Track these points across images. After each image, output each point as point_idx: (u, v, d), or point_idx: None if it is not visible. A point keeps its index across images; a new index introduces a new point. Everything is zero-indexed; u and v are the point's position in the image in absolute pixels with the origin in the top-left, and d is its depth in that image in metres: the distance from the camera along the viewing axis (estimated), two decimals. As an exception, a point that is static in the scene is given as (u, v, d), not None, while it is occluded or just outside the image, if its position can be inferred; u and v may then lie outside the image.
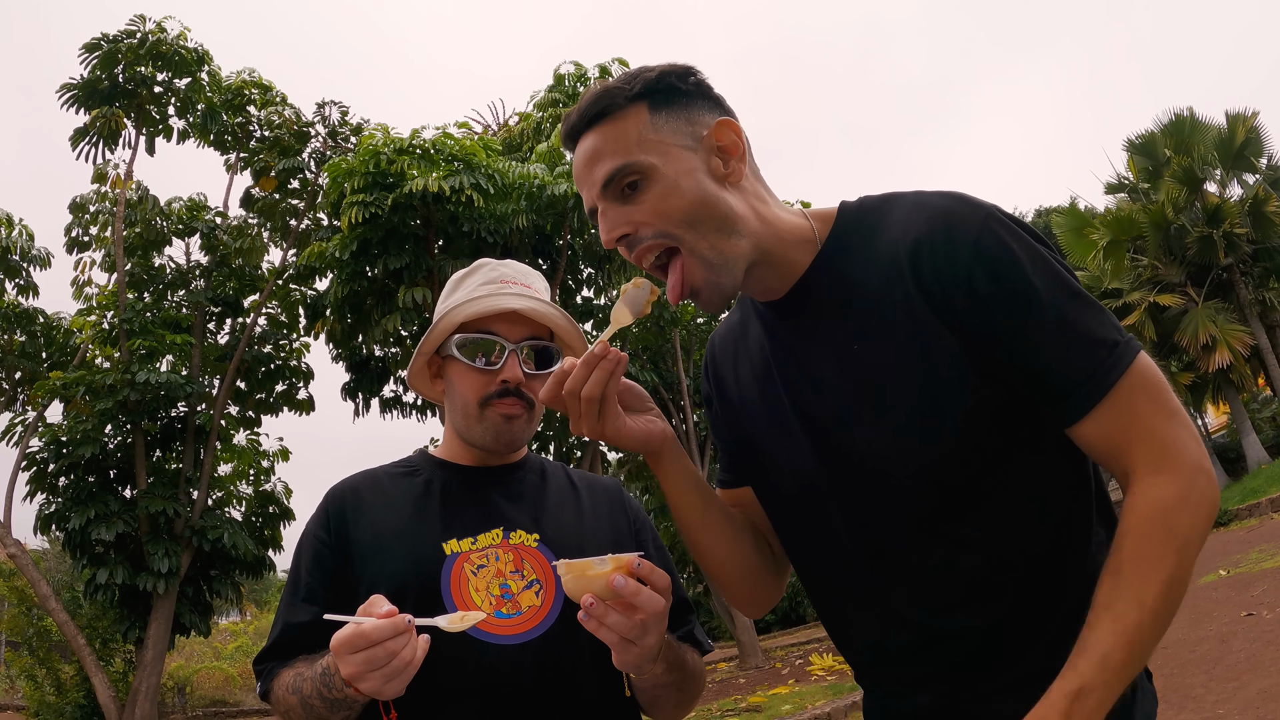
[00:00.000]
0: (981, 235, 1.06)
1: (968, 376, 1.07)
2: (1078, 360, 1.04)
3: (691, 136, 1.15)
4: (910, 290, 1.09)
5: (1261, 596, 8.80)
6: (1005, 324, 1.05)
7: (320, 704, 1.24)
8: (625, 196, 1.14)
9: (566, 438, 16.12)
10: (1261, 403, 29.90)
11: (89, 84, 13.90)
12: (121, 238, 13.99)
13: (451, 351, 1.48)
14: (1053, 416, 1.08)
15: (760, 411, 1.28)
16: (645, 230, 1.13)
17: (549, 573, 1.41)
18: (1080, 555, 1.13)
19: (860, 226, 1.18)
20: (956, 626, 1.14)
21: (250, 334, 14.86)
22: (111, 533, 12.81)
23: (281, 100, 14.96)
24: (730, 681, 13.30)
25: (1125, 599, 0.98)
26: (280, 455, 16.26)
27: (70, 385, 13.08)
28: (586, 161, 1.16)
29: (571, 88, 15.24)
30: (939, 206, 1.11)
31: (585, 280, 14.97)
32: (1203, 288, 22.23)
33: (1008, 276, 1.05)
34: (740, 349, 1.34)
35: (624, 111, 1.14)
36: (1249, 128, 21.97)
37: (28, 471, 13.63)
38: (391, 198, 11.15)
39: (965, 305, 1.06)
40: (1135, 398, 1.04)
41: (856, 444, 1.14)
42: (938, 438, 1.09)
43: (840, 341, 1.16)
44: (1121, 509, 1.05)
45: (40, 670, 14.96)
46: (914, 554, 1.14)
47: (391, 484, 1.50)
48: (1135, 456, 1.04)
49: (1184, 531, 1.00)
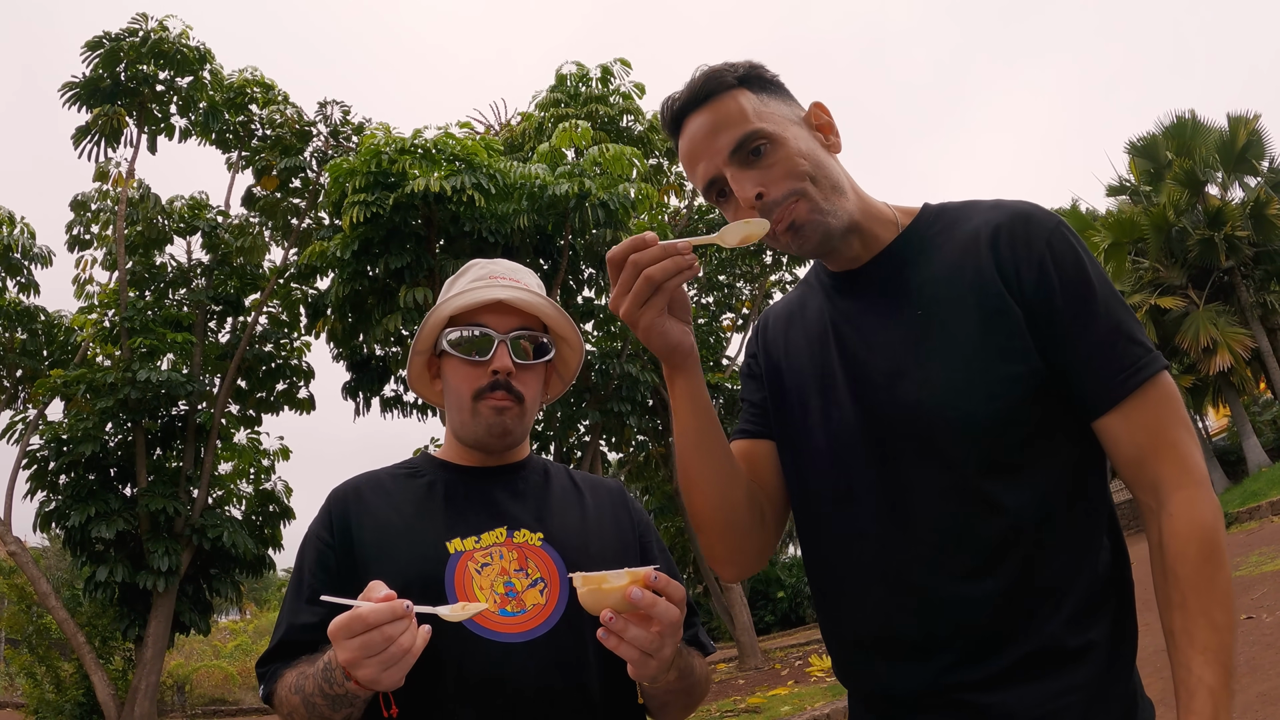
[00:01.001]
0: (1054, 232, 1.22)
1: (1023, 345, 1.19)
2: (1120, 352, 1.17)
3: (793, 114, 1.30)
4: (985, 265, 1.22)
5: (1261, 599, 8.79)
6: (1066, 307, 1.18)
7: (322, 701, 1.23)
8: (751, 162, 1.25)
9: (566, 438, 16.12)
10: (1262, 406, 29.89)
11: (91, 82, 13.89)
12: (123, 236, 13.99)
13: (444, 346, 1.49)
14: (1090, 400, 1.19)
15: (806, 370, 1.36)
16: (777, 190, 1.24)
17: (554, 571, 1.41)
18: (1091, 554, 1.21)
19: (941, 219, 1.32)
20: (963, 594, 1.19)
21: (251, 333, 14.86)
22: (111, 531, 12.81)
23: (283, 99, 14.95)
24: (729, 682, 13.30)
25: (1202, 627, 1.09)
26: (281, 454, 16.27)
27: (71, 383, 13.08)
28: (707, 133, 1.26)
29: (573, 87, 15.23)
30: (1019, 206, 1.27)
31: (587, 280, 14.96)
32: (1204, 290, 22.22)
33: (1074, 268, 1.20)
34: (795, 320, 1.43)
35: (731, 92, 1.27)
36: (1250, 130, 21.95)
37: (28, 469, 13.64)
38: (393, 197, 11.14)
39: (1034, 283, 1.19)
40: (1162, 404, 1.17)
41: (906, 398, 1.22)
42: (986, 398, 1.18)
43: (904, 308, 1.27)
44: (1160, 523, 1.16)
45: (40, 668, 14.96)
46: (936, 513, 1.20)
47: (394, 485, 1.50)
48: (1163, 467, 1.15)
49: (1223, 546, 1.13)
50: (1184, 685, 1.09)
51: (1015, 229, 1.23)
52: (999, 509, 1.18)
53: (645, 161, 13.34)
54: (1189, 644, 1.09)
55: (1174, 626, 1.12)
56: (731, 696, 11.29)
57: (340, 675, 1.16)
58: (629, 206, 12.28)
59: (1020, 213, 1.25)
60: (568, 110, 14.72)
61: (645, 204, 13.05)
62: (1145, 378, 1.16)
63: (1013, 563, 1.18)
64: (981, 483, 1.18)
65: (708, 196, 1.33)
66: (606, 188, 12.09)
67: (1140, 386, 1.16)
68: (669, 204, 15.96)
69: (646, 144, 15.14)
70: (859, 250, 1.32)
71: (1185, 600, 1.11)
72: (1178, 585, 1.12)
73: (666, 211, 15.76)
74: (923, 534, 1.21)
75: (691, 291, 16.98)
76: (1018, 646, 1.17)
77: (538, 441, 16.21)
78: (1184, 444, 1.16)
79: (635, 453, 17.93)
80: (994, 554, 1.18)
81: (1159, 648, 1.04)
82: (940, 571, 1.20)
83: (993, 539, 1.18)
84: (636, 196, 12.41)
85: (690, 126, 1.29)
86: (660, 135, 15.29)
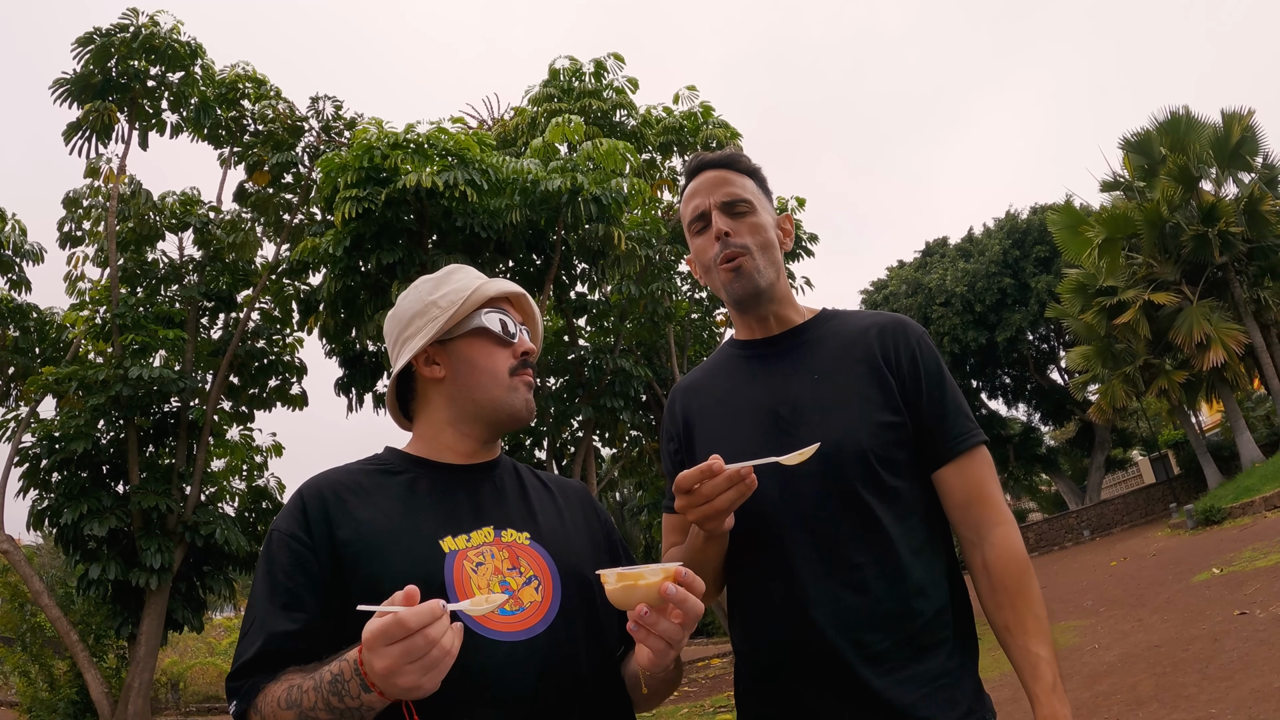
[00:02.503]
0: (922, 336, 1.67)
1: (897, 404, 1.59)
2: (960, 424, 1.61)
3: (771, 212, 1.77)
4: (873, 347, 1.64)
5: (1255, 595, 8.80)
6: (926, 386, 1.61)
7: (327, 716, 1.14)
8: (734, 215, 1.68)
9: (560, 433, 16.10)
10: (1255, 401, 29.98)
11: (82, 78, 13.81)
12: (114, 232, 13.92)
13: (481, 323, 1.53)
14: (938, 453, 1.59)
15: (716, 423, 1.70)
16: (738, 238, 1.66)
17: (545, 568, 1.41)
18: (937, 564, 1.57)
19: (838, 316, 1.76)
20: (846, 588, 1.50)
21: (243, 329, 14.80)
22: (104, 528, 12.75)
23: (275, 94, 14.88)
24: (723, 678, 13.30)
25: (1029, 619, 1.49)
26: (274, 450, 16.22)
27: (63, 380, 13.01)
28: (718, 182, 1.71)
29: (566, 82, 15.20)
30: (898, 316, 1.72)
31: (579, 276, 14.93)
32: (1198, 286, 22.27)
33: (934, 361, 1.64)
34: (705, 387, 1.78)
35: (744, 174, 1.73)
36: (1245, 126, 21.98)
37: (20, 467, 13.58)
38: (385, 193, 11.10)
39: (908, 365, 1.61)
40: (984, 464, 1.61)
41: (814, 430, 1.55)
42: (871, 433, 1.55)
43: (803, 372, 1.66)
44: (984, 552, 1.55)
45: (33, 667, 14.91)
46: (832, 523, 1.53)
47: (371, 482, 1.44)
48: (985, 511, 1.57)
49: (1030, 565, 1.54)
50: (1026, 662, 1.46)
51: (896, 329, 1.66)
52: (875, 520, 1.52)
53: (638, 156, 13.30)
54: (1022, 631, 1.48)
55: (1008, 622, 1.50)
56: (725, 692, 11.29)
57: (357, 686, 1.10)
58: (622, 201, 12.25)
59: (900, 320, 1.69)
60: (561, 105, 14.69)
61: (638, 199, 13.02)
62: (974, 444, 1.59)
63: (887, 562, 1.52)
64: (864, 496, 1.52)
65: (690, 227, 1.74)
66: (599, 183, 12.06)
67: (969, 450, 1.58)
68: (661, 199, 15.92)
69: (639, 139, 15.12)
70: (772, 322, 1.72)
71: (1014, 603, 1.49)
72: (1006, 593, 1.50)
73: (659, 206, 15.73)
74: (819, 542, 1.54)
75: (685, 287, 16.95)
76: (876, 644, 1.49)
77: (530, 436, 16.18)
78: (997, 495, 1.59)
79: (628, 448, 17.93)
80: (870, 551, 1.52)
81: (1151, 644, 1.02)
82: (831, 572, 1.53)
83: (873, 544, 1.52)
84: (629, 191, 12.38)
85: (707, 174, 1.73)
86: (653, 130, 15.27)
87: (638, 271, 14.03)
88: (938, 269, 33.41)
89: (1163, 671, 6.74)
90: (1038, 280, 30.63)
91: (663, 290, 14.91)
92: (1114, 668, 7.34)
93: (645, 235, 13.58)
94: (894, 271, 36.20)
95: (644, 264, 14.01)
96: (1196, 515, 19.01)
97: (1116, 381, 24.26)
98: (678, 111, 15.42)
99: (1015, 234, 32.33)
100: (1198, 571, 11.91)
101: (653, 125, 15.37)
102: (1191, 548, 15.66)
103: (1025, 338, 32.89)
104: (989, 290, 31.48)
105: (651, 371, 15.28)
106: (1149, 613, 9.81)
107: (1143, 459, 38.76)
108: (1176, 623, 8.61)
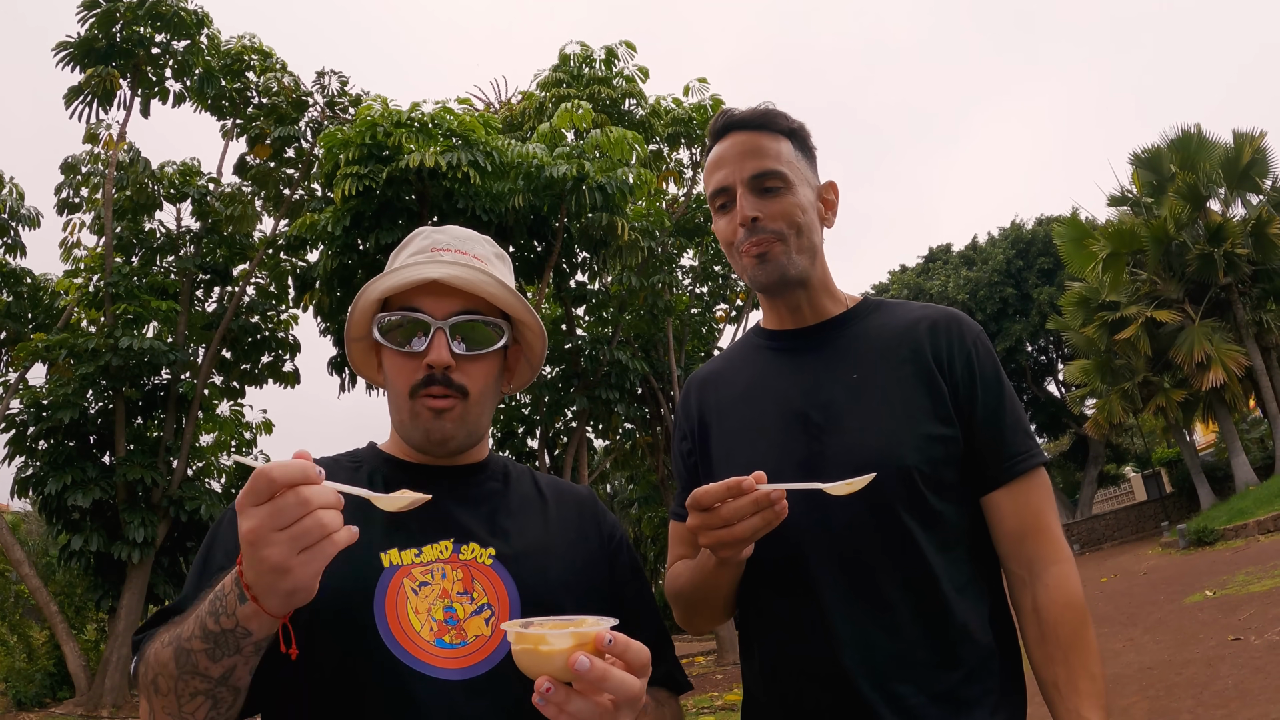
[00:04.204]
0: (979, 336, 1.45)
1: (948, 413, 1.37)
2: (1019, 441, 1.39)
3: (812, 180, 1.48)
4: (922, 346, 1.41)
5: (1249, 621, 8.69)
6: (983, 395, 1.39)
7: (201, 644, 0.95)
8: (763, 193, 1.40)
9: (553, 423, 15.96)
10: (1250, 424, 29.95)
11: (85, 42, 13.65)
12: (111, 200, 13.77)
13: (375, 335, 1.28)
14: (989, 474, 1.37)
15: (735, 424, 1.48)
16: (770, 224, 1.40)
17: (504, 597, 1.20)
18: (983, 605, 1.37)
19: (882, 308, 1.51)
20: (880, 629, 1.31)
21: (238, 303, 14.65)
22: (88, 499, 12.64)
23: (281, 68, 14.71)
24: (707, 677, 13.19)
25: (1083, 678, 1.28)
26: (263, 428, 16.12)
27: (53, 348, 12.88)
28: (744, 151, 1.42)
29: (576, 68, 15.02)
30: (952, 310, 1.49)
31: (580, 264, 14.79)
32: (1200, 306, 22.17)
33: (992, 366, 1.43)
34: (725, 380, 1.56)
35: (779, 134, 1.44)
36: (1256, 148, 21.86)
37: (6, 433, 13.45)
38: (387, 171, 10.95)
39: (963, 369, 1.39)
40: (1043, 490, 1.39)
41: (849, 439, 1.35)
42: (915, 445, 1.33)
43: (840, 369, 1.43)
44: (1035, 593, 1.34)
45: (12, 637, 14.78)
46: (866, 552, 1.32)
47: (333, 478, 1.29)
48: (1040, 545, 1.35)
49: (1088, 613, 1.33)
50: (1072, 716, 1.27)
51: (951, 326, 1.43)
52: (918, 552, 1.32)
53: (645, 147, 13.15)
54: (1074, 693, 1.28)
55: (1057, 679, 1.29)
56: (709, 692, 11.18)
57: (235, 597, 0.91)
58: (627, 191, 12.11)
59: (955, 315, 1.46)
60: (570, 91, 14.52)
61: (643, 189, 12.87)
62: (1033, 465, 1.38)
63: (913, 599, 1.32)
64: (893, 523, 1.32)
65: (713, 200, 1.47)
66: (605, 171, 11.92)
67: (1027, 472, 1.37)
68: (666, 190, 15.77)
69: (648, 129, 14.95)
70: (806, 312, 1.49)
71: (1067, 657, 1.29)
72: (1059, 645, 1.30)
73: (664, 198, 15.58)
74: (834, 572, 1.34)
75: (686, 281, 16.81)
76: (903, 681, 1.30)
77: (524, 425, 16.05)
78: (1056, 527, 1.37)
79: (622, 441, 17.82)
80: (897, 590, 1.32)
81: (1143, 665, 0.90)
82: (849, 602, 1.34)
83: (908, 579, 1.32)
84: (635, 182, 12.23)
85: (732, 138, 1.44)
86: (662, 120, 15.10)
87: (639, 263, 13.90)
88: (940, 275, 33.34)
89: (1156, 695, 6.62)
90: (1040, 291, 30.56)
91: (663, 283, 14.77)
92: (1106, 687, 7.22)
93: (649, 227, 13.44)
94: (895, 276, 36.13)
95: (646, 256, 13.87)
96: (1189, 535, 18.92)
97: (1114, 397, 24.18)
98: (687, 103, 15.26)
99: (1020, 244, 32.27)
100: (1190, 593, 11.81)
101: (661, 116, 15.20)
102: (1183, 568, 15.57)
103: (1024, 348, 32.81)
104: (990, 299, 31.42)
105: (648, 365, 15.15)
106: (1141, 633, 9.69)
107: (1135, 475, 38.73)
108: (1169, 645, 8.49)
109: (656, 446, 16.67)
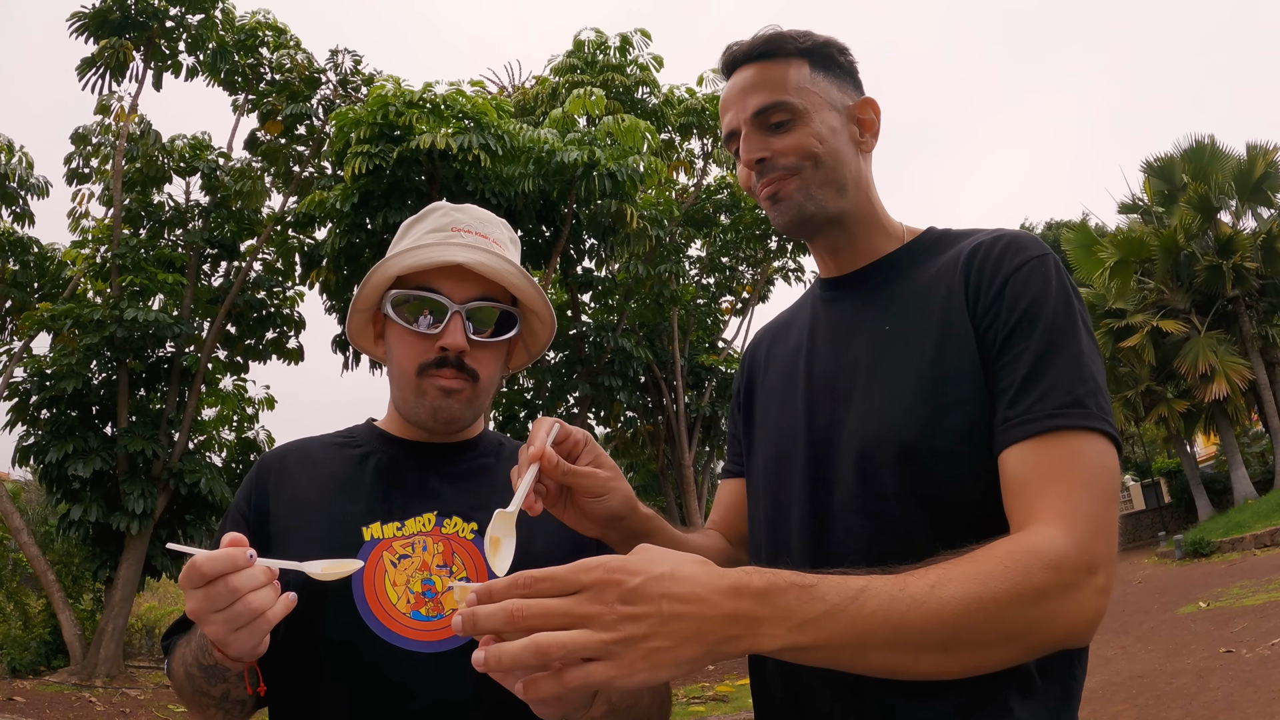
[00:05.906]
0: (1032, 260, 1.10)
1: (969, 367, 1.09)
2: (1060, 394, 1.00)
3: (840, 101, 1.26)
4: (955, 284, 1.14)
5: (1241, 634, 8.69)
6: (1009, 326, 1.07)
7: (199, 672, 1.08)
8: (770, 129, 1.23)
9: (555, 408, 15.96)
10: (1252, 437, 29.88)
11: (100, 13, 13.64)
12: (121, 171, 13.77)
13: (387, 311, 1.27)
14: (1003, 431, 1.03)
15: (775, 388, 1.33)
16: (780, 160, 1.22)
17: (484, 571, 1.19)
18: None
19: (940, 242, 1.25)
20: None
21: (244, 278, 14.67)
22: (88, 469, 12.67)
23: (295, 44, 14.69)
24: (699, 670, 13.21)
25: (950, 580, 0.85)
26: (266, 403, 16.14)
27: (59, 317, 12.91)
28: (743, 89, 1.25)
29: (591, 54, 14.99)
30: (1013, 232, 1.17)
31: (588, 251, 14.78)
32: (1207, 317, 22.11)
33: (1038, 294, 1.07)
34: (779, 337, 1.40)
35: (788, 58, 1.24)
36: (1269, 161, 21.78)
37: (9, 401, 13.49)
38: (397, 151, 10.94)
39: (992, 301, 1.09)
40: (1071, 460, 0.97)
41: (854, 412, 1.16)
42: (920, 418, 1.09)
43: (877, 320, 1.21)
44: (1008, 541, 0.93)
45: (8, 604, 14.85)
46: (850, 535, 1.13)
47: (324, 455, 1.31)
48: (1043, 506, 0.95)
49: (1036, 586, 0.86)
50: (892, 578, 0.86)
51: (992, 251, 1.13)
52: (914, 541, 1.06)
53: (657, 136, 13.14)
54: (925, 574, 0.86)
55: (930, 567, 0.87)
56: (700, 682, 11.21)
57: (209, 642, 1.00)
58: (637, 179, 12.09)
59: (1006, 237, 1.15)
60: (583, 77, 14.50)
61: (653, 178, 12.86)
62: (1051, 428, 0.98)
63: None
64: (896, 507, 1.09)
65: (728, 144, 1.30)
66: (616, 158, 11.90)
67: (1041, 435, 0.98)
68: (677, 180, 15.75)
69: (660, 118, 14.92)
70: (849, 254, 1.28)
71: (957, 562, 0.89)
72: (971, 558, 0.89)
73: (674, 188, 15.57)
74: (837, 559, 1.11)
75: (693, 271, 16.79)
76: None
77: (525, 409, 16.07)
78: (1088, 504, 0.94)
79: (623, 428, 17.83)
80: None
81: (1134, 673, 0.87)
82: None
83: None
84: (646, 170, 12.21)
85: (737, 76, 1.28)
86: (675, 110, 15.07)
87: (647, 251, 13.90)
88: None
89: (1145, 704, 6.63)
90: (1046, 297, 30.49)
91: (670, 272, 14.76)
92: (1095, 694, 7.23)
93: (658, 215, 13.44)
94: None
95: (654, 244, 13.87)
96: (1185, 546, 18.91)
97: (1117, 405, 24.15)
98: (701, 94, 15.23)
99: (1028, 249, 32.19)
100: (1184, 603, 11.81)
101: (674, 105, 15.17)
102: (1178, 578, 15.57)
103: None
104: (996, 303, 31.37)
105: (652, 354, 15.16)
106: (1133, 641, 9.70)
107: (1134, 484, 38.69)
108: (1161, 654, 8.50)
109: (657, 435, 16.70)
